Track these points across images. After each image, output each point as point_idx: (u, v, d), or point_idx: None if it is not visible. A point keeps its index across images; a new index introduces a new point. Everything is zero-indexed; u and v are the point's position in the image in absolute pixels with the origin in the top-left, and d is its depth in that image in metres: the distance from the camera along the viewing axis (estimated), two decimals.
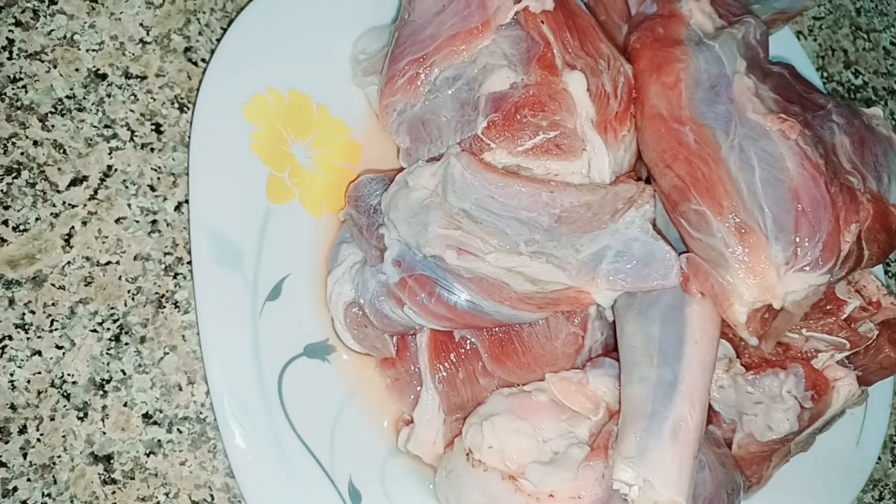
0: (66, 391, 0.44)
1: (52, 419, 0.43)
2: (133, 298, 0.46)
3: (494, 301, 0.40)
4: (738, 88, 0.39)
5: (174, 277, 0.47)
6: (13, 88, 0.46)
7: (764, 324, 0.38)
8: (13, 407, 0.43)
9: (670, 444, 0.36)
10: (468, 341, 0.45)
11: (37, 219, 0.45)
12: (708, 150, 0.38)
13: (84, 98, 0.47)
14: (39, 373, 0.44)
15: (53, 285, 0.45)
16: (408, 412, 0.47)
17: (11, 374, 0.43)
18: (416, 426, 0.46)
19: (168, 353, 0.46)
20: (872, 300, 0.45)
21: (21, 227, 0.45)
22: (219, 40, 0.50)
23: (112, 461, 0.44)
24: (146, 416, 0.45)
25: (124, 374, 0.45)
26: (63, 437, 0.43)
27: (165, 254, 0.47)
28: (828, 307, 0.44)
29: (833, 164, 0.39)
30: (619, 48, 0.46)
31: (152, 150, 0.48)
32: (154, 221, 0.47)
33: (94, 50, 0.48)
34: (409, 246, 0.42)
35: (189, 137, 0.48)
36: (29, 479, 0.42)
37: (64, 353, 0.44)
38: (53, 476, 0.43)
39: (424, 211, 0.41)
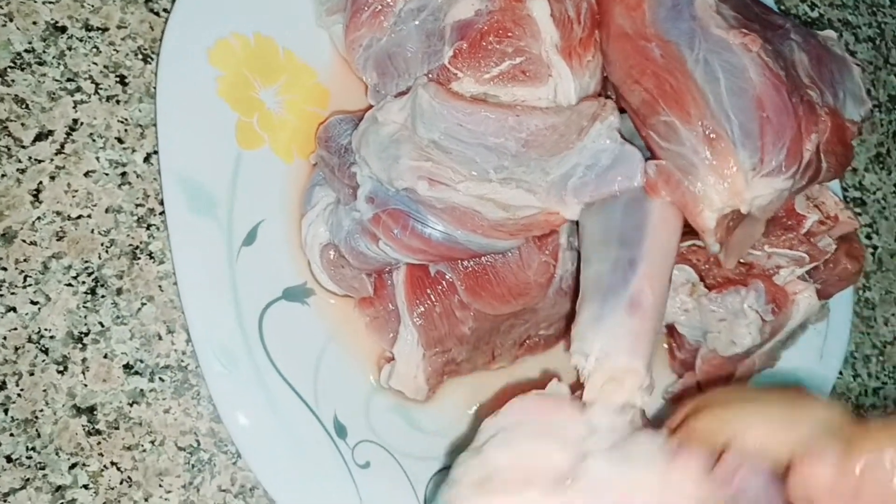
0: (44, 346, 0.44)
1: (32, 374, 0.43)
2: (107, 251, 0.46)
3: (467, 230, 0.41)
4: (700, 5, 0.40)
5: (147, 228, 0.46)
6: None
7: (729, 231, 0.39)
8: None
9: (627, 315, 0.36)
10: (444, 276, 0.46)
11: (3, 175, 0.44)
12: (674, 64, 0.39)
13: (44, 52, 0.46)
14: (15, 329, 0.43)
15: (24, 241, 0.44)
16: (388, 349, 0.48)
17: None
18: (397, 362, 0.47)
19: (145, 304, 0.46)
20: (830, 215, 0.47)
21: None
22: None
23: (95, 412, 0.44)
24: (127, 366, 0.45)
25: (102, 326, 0.45)
26: (44, 391, 0.43)
27: (137, 205, 0.46)
28: (788, 222, 0.46)
29: (793, 78, 0.40)
30: None
31: (118, 102, 0.47)
32: (124, 174, 0.47)
33: (51, 2, 0.47)
34: (382, 181, 0.42)
35: (154, 88, 0.48)
36: (12, 434, 0.42)
37: (40, 309, 0.44)
38: (37, 430, 0.43)
39: (395, 145, 0.41)
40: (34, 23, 0.46)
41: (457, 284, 0.46)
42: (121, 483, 0.43)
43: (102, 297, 0.45)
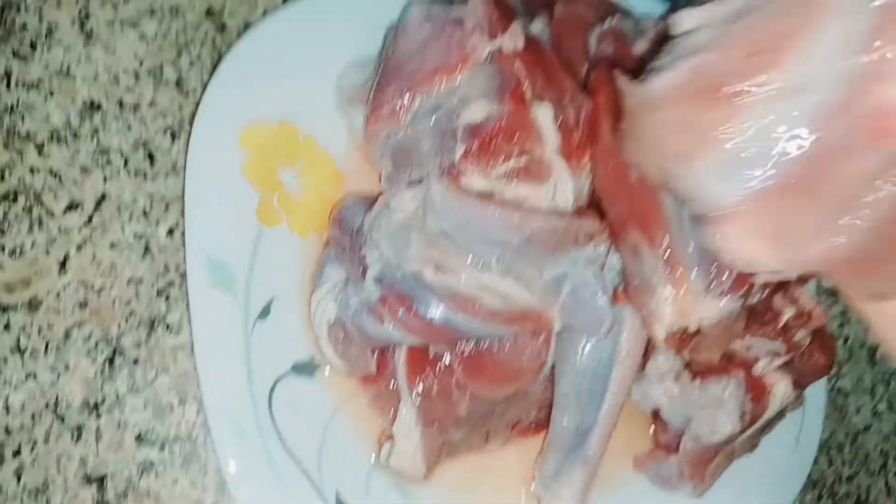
0: (60, 413, 0.45)
1: (47, 441, 0.44)
2: (126, 321, 0.47)
3: (467, 315, 0.44)
4: None
5: (166, 300, 0.48)
6: (10, 117, 0.47)
7: (682, 342, 0.43)
8: (7, 430, 0.44)
9: (581, 470, 0.48)
10: (442, 357, 0.48)
11: (33, 244, 0.46)
12: (647, 188, 0.42)
13: (79, 127, 0.48)
14: (34, 396, 0.44)
15: (49, 309, 0.46)
16: (388, 427, 0.49)
17: (6, 398, 0.44)
18: (396, 440, 0.48)
19: (160, 374, 0.47)
20: (805, 310, 0.50)
21: (17, 252, 0.46)
22: (209, 72, 0.52)
23: (105, 482, 0.45)
24: (139, 436, 0.46)
25: (118, 395, 0.46)
26: (57, 459, 0.44)
27: (158, 277, 0.48)
28: (766, 317, 0.49)
29: None
30: (580, 84, 0.51)
31: (145, 176, 0.49)
32: (147, 246, 0.48)
33: (89, 81, 0.49)
34: (390, 264, 0.45)
35: (181, 165, 0.50)
36: (22, 502, 0.43)
37: (58, 376, 0.45)
38: (47, 498, 0.44)
39: (405, 231, 0.44)
40: (72, 99, 0.49)
41: (454, 366, 0.48)
42: None
43: (119, 366, 0.46)
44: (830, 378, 0.65)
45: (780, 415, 0.54)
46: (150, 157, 0.50)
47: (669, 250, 0.42)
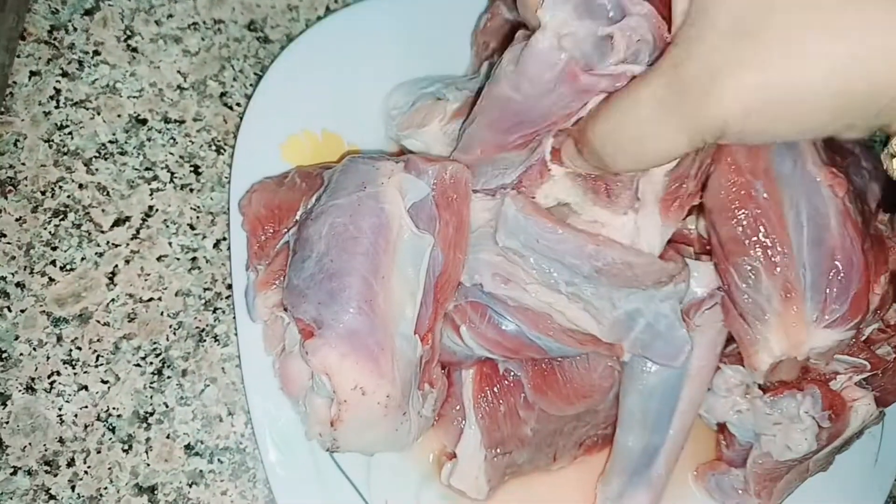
0: (111, 424, 0.45)
1: (99, 452, 0.45)
2: (174, 333, 0.47)
3: (539, 331, 0.42)
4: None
5: (213, 312, 0.48)
6: (60, 135, 0.48)
7: (776, 369, 0.40)
8: (61, 440, 0.44)
9: (645, 493, 0.47)
10: (511, 373, 0.46)
11: (82, 258, 0.47)
12: (774, 208, 0.40)
13: (126, 142, 0.49)
14: (86, 407, 0.45)
15: (99, 322, 0.46)
16: (451, 447, 0.48)
17: (60, 409, 0.45)
18: (459, 461, 0.47)
19: (209, 386, 0.47)
20: (890, 323, 0.47)
21: (68, 267, 0.46)
22: (252, 86, 0.52)
23: (156, 492, 0.45)
24: (188, 447, 0.46)
25: (167, 406, 0.46)
26: (109, 469, 0.45)
27: (205, 289, 0.48)
28: None
29: (866, 213, 0.41)
30: None
31: (191, 190, 0.50)
32: (194, 259, 0.49)
33: (134, 97, 0.50)
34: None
35: (226, 178, 0.50)
36: None
37: (109, 388, 0.46)
38: None
39: (476, 241, 0.43)
40: (118, 115, 0.50)
41: (524, 381, 0.46)
42: None
43: (168, 377, 0.47)
44: None
45: (859, 433, 0.50)
46: (196, 170, 0.50)
47: (787, 278, 0.40)
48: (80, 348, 0.46)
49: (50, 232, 0.47)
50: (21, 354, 0.45)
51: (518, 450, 0.46)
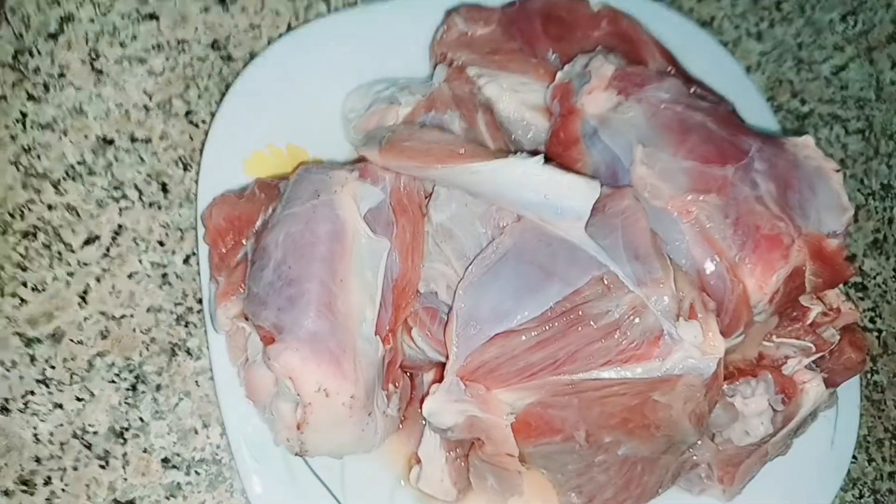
0: (87, 441, 0.46)
1: (76, 469, 0.45)
2: (147, 349, 0.48)
3: None
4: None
5: (185, 326, 0.49)
6: (27, 157, 0.49)
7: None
8: (38, 459, 0.45)
9: None
10: None
11: (54, 278, 0.48)
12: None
13: (94, 163, 0.50)
14: (62, 425, 0.46)
15: (72, 340, 0.47)
16: (415, 450, 0.49)
17: (35, 428, 0.45)
18: (423, 464, 0.48)
19: (183, 399, 0.48)
20: (833, 306, 0.49)
21: (39, 287, 0.47)
22: (217, 103, 0.54)
23: None
24: (165, 460, 0.47)
25: (142, 421, 0.47)
26: (87, 485, 0.45)
27: (176, 304, 0.49)
28: (794, 314, 0.48)
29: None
30: None
31: (160, 207, 0.51)
32: (164, 275, 0.50)
33: (101, 118, 0.51)
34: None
35: (194, 194, 0.51)
36: None
37: (84, 405, 0.46)
38: None
39: (430, 250, 0.44)
40: (85, 136, 0.50)
41: None
42: None
43: (143, 392, 0.47)
44: (865, 374, 0.63)
45: (813, 415, 0.52)
46: (164, 188, 0.51)
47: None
48: (53, 367, 0.46)
49: (20, 253, 0.47)
50: None
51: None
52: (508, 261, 0.42)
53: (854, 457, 0.57)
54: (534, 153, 0.45)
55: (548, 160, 0.41)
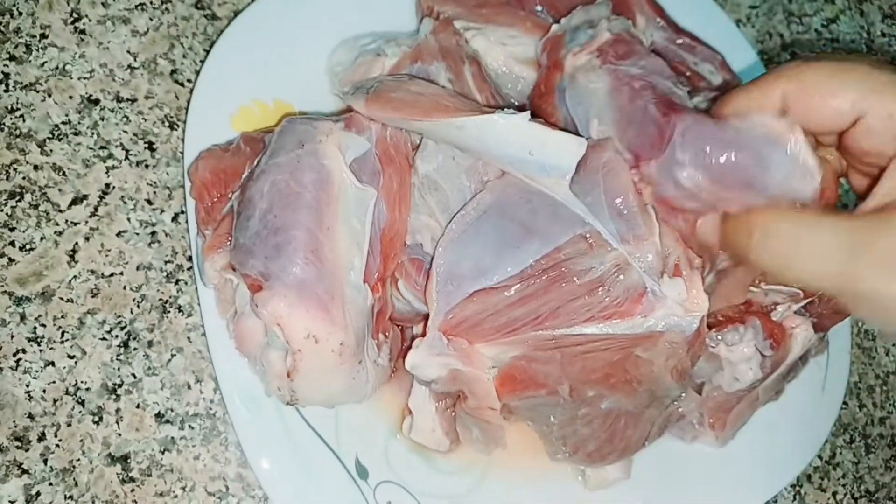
0: (80, 397, 0.46)
1: (69, 425, 0.46)
2: (138, 306, 0.48)
3: None
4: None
5: (176, 283, 0.49)
6: (11, 118, 0.48)
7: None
8: (31, 416, 0.45)
9: None
10: None
11: (42, 238, 0.47)
12: None
13: (79, 123, 0.50)
14: (54, 382, 0.46)
15: (62, 299, 0.47)
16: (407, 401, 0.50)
17: (27, 385, 0.45)
18: (414, 415, 0.49)
19: (175, 355, 0.48)
20: None
21: (27, 247, 0.47)
22: (202, 62, 0.53)
23: (129, 461, 0.46)
24: (158, 415, 0.47)
25: (135, 377, 0.47)
26: (81, 441, 0.46)
27: (166, 262, 0.49)
28: None
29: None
30: None
31: (147, 166, 0.50)
32: (153, 233, 0.50)
33: (85, 78, 0.51)
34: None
35: (181, 152, 0.51)
36: (51, 484, 0.44)
37: (76, 362, 0.46)
38: (74, 479, 0.45)
39: (416, 202, 0.44)
40: (70, 97, 0.50)
41: None
42: None
43: (134, 349, 0.48)
44: (856, 322, 0.63)
45: (804, 360, 0.52)
46: (150, 147, 0.51)
47: None
48: (44, 325, 0.46)
49: (7, 213, 0.47)
50: None
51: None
52: (489, 217, 0.42)
53: (845, 402, 0.58)
54: (521, 108, 0.45)
55: (534, 116, 0.41)
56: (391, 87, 0.44)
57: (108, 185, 0.49)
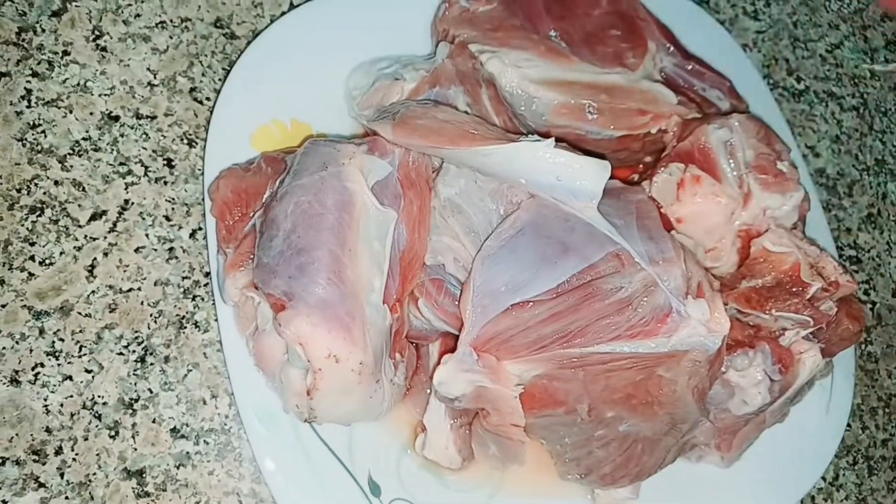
0: (97, 412, 0.46)
1: (86, 439, 0.46)
2: (155, 321, 0.49)
3: None
4: None
5: (193, 299, 0.50)
6: (33, 134, 0.49)
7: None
8: (48, 430, 0.45)
9: None
10: None
11: (61, 253, 0.48)
12: None
13: (99, 139, 0.50)
14: (71, 396, 0.46)
15: (80, 313, 0.47)
16: (420, 418, 0.50)
17: (45, 399, 0.46)
18: (429, 432, 0.49)
19: (191, 370, 0.49)
20: (831, 280, 0.50)
21: (47, 262, 0.48)
22: (221, 80, 0.54)
23: (144, 475, 0.46)
24: (174, 430, 0.48)
25: (151, 392, 0.48)
26: (97, 455, 0.46)
27: (183, 278, 0.50)
28: (794, 289, 0.49)
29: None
30: None
31: (165, 183, 0.51)
32: (171, 249, 0.50)
33: (106, 94, 0.51)
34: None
35: (199, 169, 0.52)
36: (67, 497, 0.45)
37: (93, 377, 0.47)
38: (90, 493, 0.45)
39: (437, 224, 0.45)
40: (91, 113, 0.51)
41: None
42: None
43: (151, 364, 0.48)
44: (860, 344, 0.64)
45: (810, 384, 0.53)
46: (169, 163, 0.52)
47: None
48: (62, 339, 0.47)
49: (27, 228, 0.48)
50: (4, 348, 0.46)
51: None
52: (526, 234, 0.43)
53: (848, 425, 0.59)
54: (544, 135, 0.46)
55: (558, 142, 0.42)
56: (417, 114, 0.45)
57: (126, 202, 0.50)
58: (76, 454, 0.46)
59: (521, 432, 0.43)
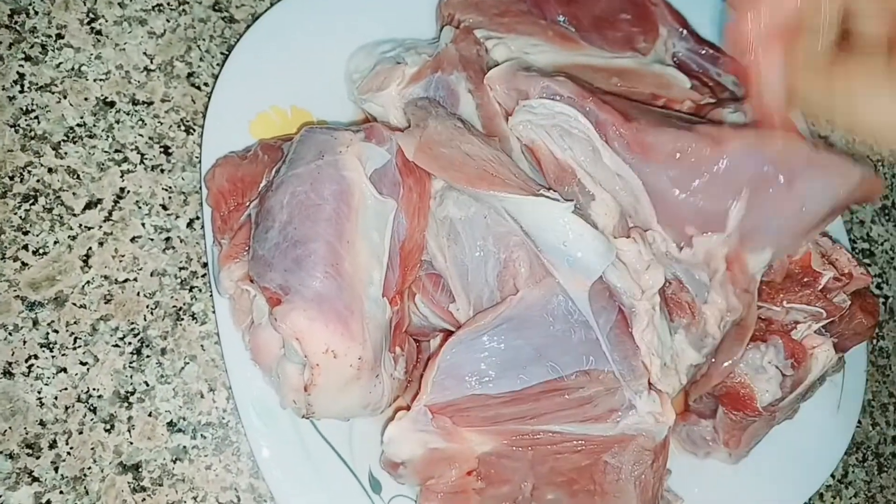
0: (92, 405, 0.46)
1: (81, 433, 0.45)
2: (152, 313, 0.48)
3: None
4: None
5: (190, 291, 0.49)
6: (26, 119, 0.48)
7: None
8: (42, 423, 0.45)
9: None
10: None
11: (55, 242, 0.47)
12: None
13: (94, 125, 0.49)
14: (66, 389, 0.45)
15: (75, 304, 0.46)
16: None
17: (39, 392, 0.45)
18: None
19: (188, 363, 0.48)
20: (844, 272, 0.48)
21: (41, 251, 0.47)
22: (219, 65, 0.53)
23: (140, 469, 0.46)
24: (170, 424, 0.47)
25: (147, 385, 0.47)
26: (92, 449, 0.45)
27: (180, 268, 0.49)
28: (805, 279, 0.47)
29: None
30: None
31: (162, 171, 0.50)
32: (168, 239, 0.49)
33: (101, 79, 0.50)
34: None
35: (197, 157, 0.51)
36: (62, 492, 0.44)
37: (88, 369, 0.46)
38: (85, 487, 0.44)
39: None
40: (85, 99, 0.50)
41: None
42: None
43: (147, 356, 0.47)
44: (871, 339, 0.63)
45: (821, 379, 0.52)
46: (166, 151, 0.50)
47: None
48: (56, 331, 0.46)
49: (20, 217, 0.47)
50: None
51: None
52: (505, 331, 0.42)
53: (858, 421, 0.58)
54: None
55: (577, 209, 0.41)
56: (442, 140, 0.42)
57: (122, 190, 0.49)
58: (71, 448, 0.45)
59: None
